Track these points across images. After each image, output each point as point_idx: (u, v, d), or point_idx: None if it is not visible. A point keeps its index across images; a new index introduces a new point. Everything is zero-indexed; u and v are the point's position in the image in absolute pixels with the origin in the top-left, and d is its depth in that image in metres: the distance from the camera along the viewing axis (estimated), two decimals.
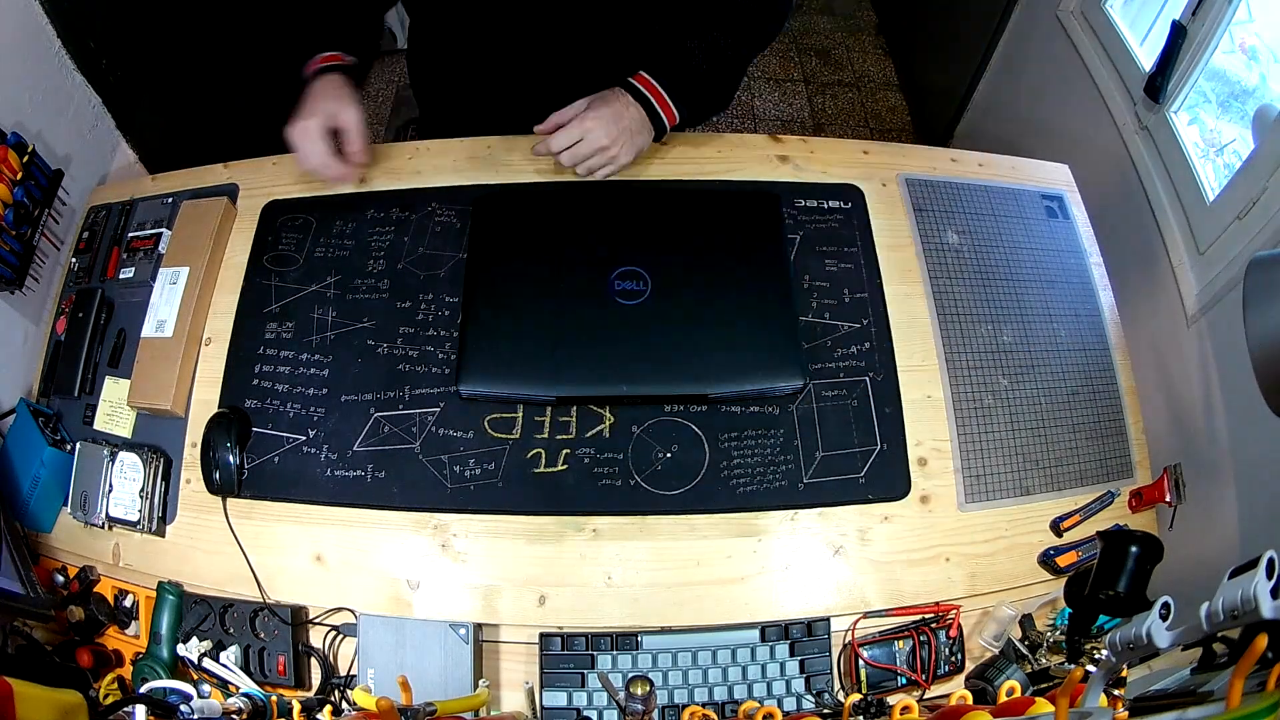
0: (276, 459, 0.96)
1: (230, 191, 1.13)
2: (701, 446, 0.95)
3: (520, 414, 0.96)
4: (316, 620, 0.91)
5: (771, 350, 0.94)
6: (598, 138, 1.00)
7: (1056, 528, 0.96)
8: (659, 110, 1.03)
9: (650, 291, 0.95)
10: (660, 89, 1.03)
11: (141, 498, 0.95)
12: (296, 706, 0.75)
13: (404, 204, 1.10)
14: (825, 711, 0.80)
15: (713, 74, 1.07)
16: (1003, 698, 0.76)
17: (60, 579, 0.94)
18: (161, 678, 0.83)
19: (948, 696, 0.77)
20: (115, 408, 1.02)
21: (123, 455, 0.97)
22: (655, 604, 0.90)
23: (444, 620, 0.87)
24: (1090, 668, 0.66)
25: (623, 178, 1.09)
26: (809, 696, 0.86)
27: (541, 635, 0.87)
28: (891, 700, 0.72)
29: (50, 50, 1.13)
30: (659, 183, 1.11)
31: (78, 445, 0.99)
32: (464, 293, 0.99)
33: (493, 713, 0.86)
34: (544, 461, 0.94)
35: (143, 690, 0.77)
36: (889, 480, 0.95)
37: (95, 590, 0.94)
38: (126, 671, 0.91)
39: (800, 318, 1.02)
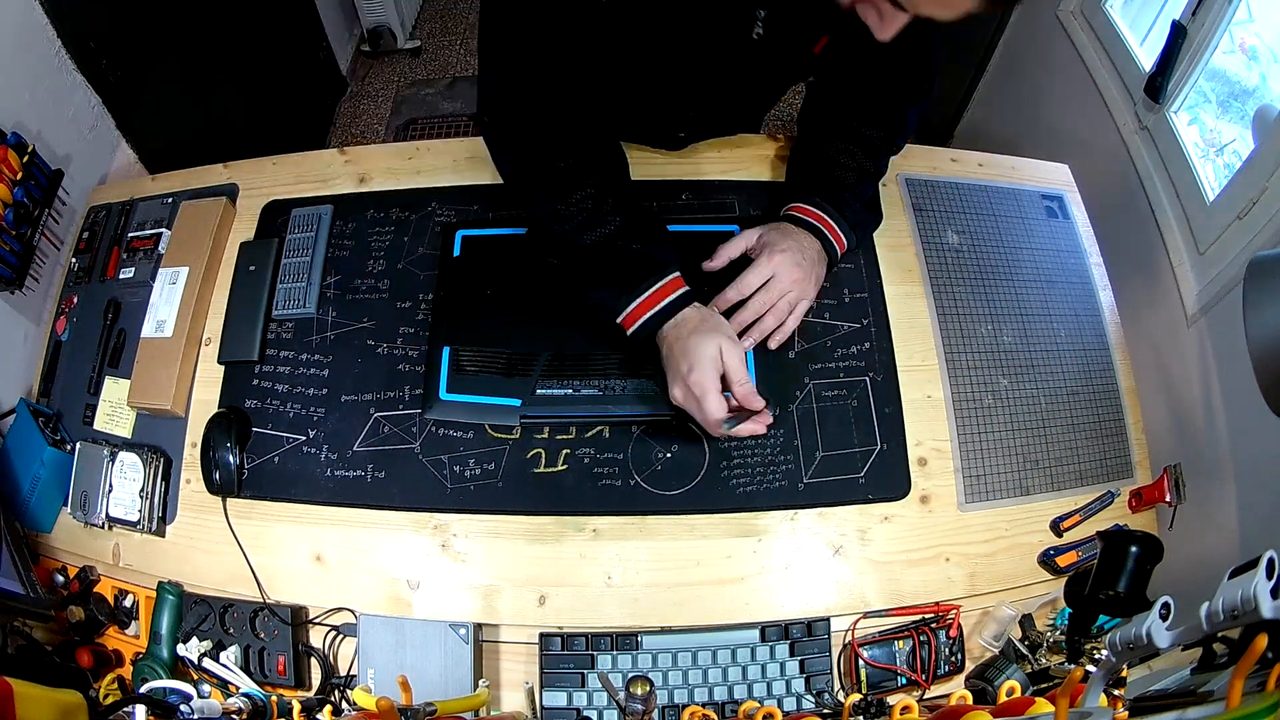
0: (276, 459, 0.96)
1: (230, 191, 1.13)
2: (701, 446, 0.95)
3: None
4: (316, 620, 0.91)
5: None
6: (789, 273, 0.90)
7: (1056, 528, 0.96)
8: (831, 240, 0.97)
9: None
10: (826, 216, 0.97)
11: (141, 498, 0.95)
12: (296, 706, 0.75)
13: (404, 204, 1.10)
14: (825, 711, 0.80)
15: (860, 185, 1.01)
16: (1003, 698, 0.76)
17: (60, 579, 0.94)
18: (161, 678, 0.83)
19: (948, 696, 0.77)
20: (115, 408, 1.02)
21: (123, 455, 0.97)
22: (655, 604, 0.90)
23: (444, 620, 0.87)
24: (1090, 668, 0.66)
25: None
26: (809, 696, 0.86)
27: (541, 635, 0.87)
28: (891, 700, 0.72)
29: (50, 50, 1.13)
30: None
31: (78, 445, 0.99)
32: (431, 318, 0.99)
33: (493, 713, 0.86)
34: (544, 461, 0.94)
35: (143, 690, 0.77)
36: (889, 480, 0.95)
37: (95, 590, 0.94)
38: (126, 671, 0.91)
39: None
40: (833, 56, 0.93)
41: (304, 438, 0.97)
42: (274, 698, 0.77)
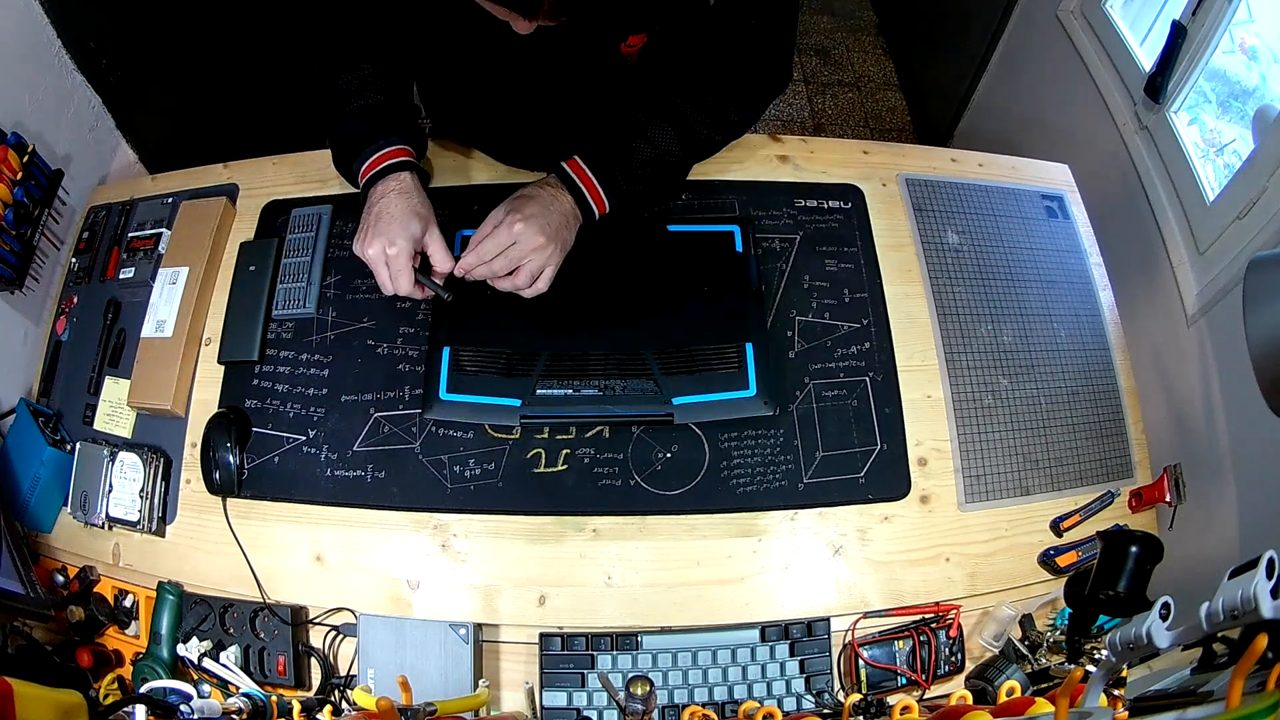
0: (276, 459, 0.96)
1: (230, 191, 1.13)
2: (701, 446, 0.95)
3: None
4: (316, 620, 0.91)
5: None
6: (530, 240, 0.89)
7: (1056, 528, 0.96)
8: (591, 203, 0.95)
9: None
10: (592, 177, 0.95)
11: (141, 498, 0.95)
12: (296, 706, 0.75)
13: None
14: (825, 711, 0.80)
15: (652, 173, 0.99)
16: (1003, 698, 0.76)
17: (60, 579, 0.94)
18: (161, 678, 0.83)
19: (948, 696, 0.77)
20: (115, 408, 1.02)
21: (123, 455, 0.97)
22: (655, 604, 0.90)
23: (444, 620, 0.87)
24: (1090, 668, 0.66)
25: None
26: (809, 696, 0.86)
27: (541, 635, 0.87)
28: (891, 700, 0.72)
29: (50, 50, 1.13)
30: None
31: (78, 445, 0.99)
32: (431, 319, 0.99)
33: (493, 713, 0.86)
34: (544, 461, 0.94)
35: (143, 690, 0.77)
36: (889, 480, 0.95)
37: (95, 590, 0.94)
38: (126, 671, 0.91)
39: (800, 318, 1.02)
40: (652, 56, 0.91)
41: (304, 438, 0.97)
42: (274, 698, 0.77)
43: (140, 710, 0.64)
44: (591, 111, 1.01)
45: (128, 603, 0.93)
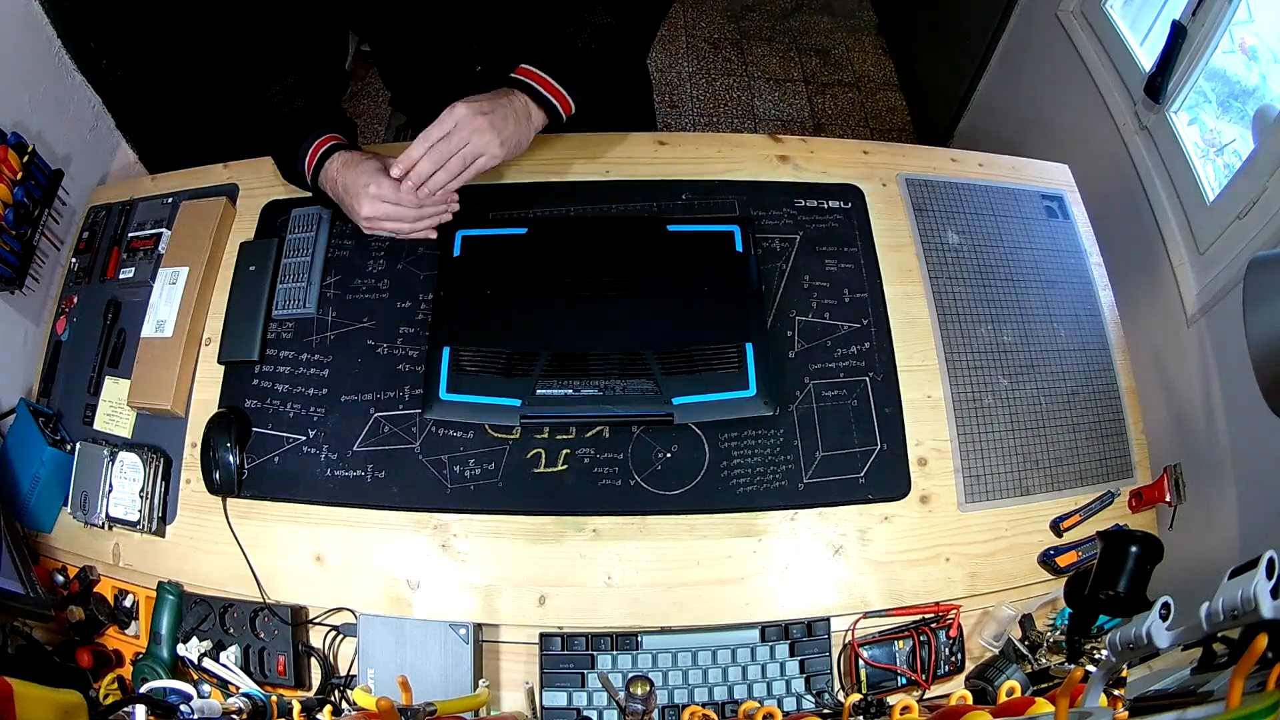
0: (276, 459, 0.96)
1: (230, 191, 1.13)
2: (701, 446, 0.95)
3: None
4: (316, 620, 0.91)
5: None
6: (470, 123, 0.90)
7: (1056, 528, 0.96)
8: (549, 96, 0.96)
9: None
10: (543, 74, 0.96)
11: (141, 498, 0.95)
12: (296, 706, 0.75)
13: None
14: (825, 711, 0.80)
15: (600, 50, 0.99)
16: (1003, 698, 0.76)
17: (60, 579, 0.94)
18: (161, 678, 0.83)
19: (948, 696, 0.77)
20: (115, 408, 1.02)
21: (123, 455, 0.97)
22: (655, 604, 0.90)
23: (444, 620, 0.87)
24: (1090, 668, 0.66)
25: (608, 180, 1.08)
26: (809, 696, 0.86)
27: (541, 635, 0.87)
28: (891, 700, 0.72)
29: (50, 50, 1.13)
30: (632, 218, 1.09)
31: (78, 445, 0.99)
32: (431, 318, 0.99)
33: (493, 713, 0.86)
34: (544, 461, 0.94)
35: (143, 690, 0.77)
36: (889, 480, 0.95)
37: (95, 590, 0.94)
38: (126, 671, 0.91)
39: (800, 318, 1.02)
40: None
41: (304, 438, 0.97)
42: (274, 698, 0.77)
43: (140, 710, 0.64)
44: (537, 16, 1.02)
45: (128, 603, 0.94)
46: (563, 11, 0.99)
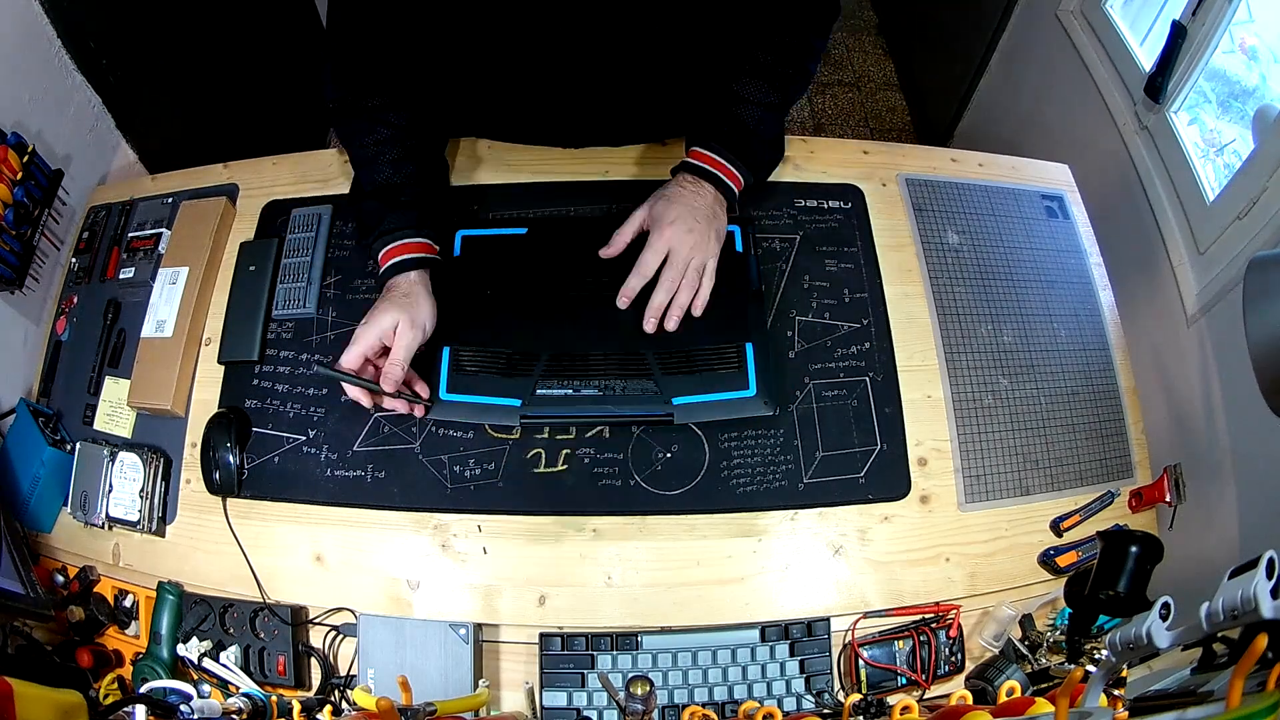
0: (276, 459, 0.96)
1: (230, 191, 1.13)
2: (701, 446, 0.95)
3: None
4: (316, 620, 0.91)
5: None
6: (684, 241, 0.90)
7: (1056, 528, 0.96)
8: (728, 182, 0.95)
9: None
10: (722, 160, 0.95)
11: (141, 498, 0.95)
12: (296, 706, 0.75)
13: None
14: (825, 711, 0.80)
15: (764, 121, 0.99)
16: (1003, 698, 0.76)
17: (60, 579, 0.94)
18: (161, 678, 0.83)
19: (948, 696, 0.77)
20: (115, 408, 1.02)
21: (123, 455, 0.97)
22: (655, 604, 0.90)
23: (444, 620, 0.87)
24: (1090, 668, 0.66)
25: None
26: (809, 696, 0.86)
27: (541, 635, 0.87)
28: (891, 700, 0.72)
29: (50, 50, 1.13)
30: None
31: (78, 445, 0.99)
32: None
33: (493, 713, 0.86)
34: (544, 461, 0.94)
35: (143, 690, 0.77)
36: (889, 480, 0.95)
37: (95, 590, 0.94)
38: (126, 671, 0.91)
39: (800, 318, 1.02)
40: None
41: (304, 438, 0.97)
42: (274, 698, 0.77)
43: (140, 710, 0.64)
44: (623, 65, 0.99)
45: (128, 603, 0.93)
46: (720, 87, 0.98)
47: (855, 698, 0.76)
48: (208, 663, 0.86)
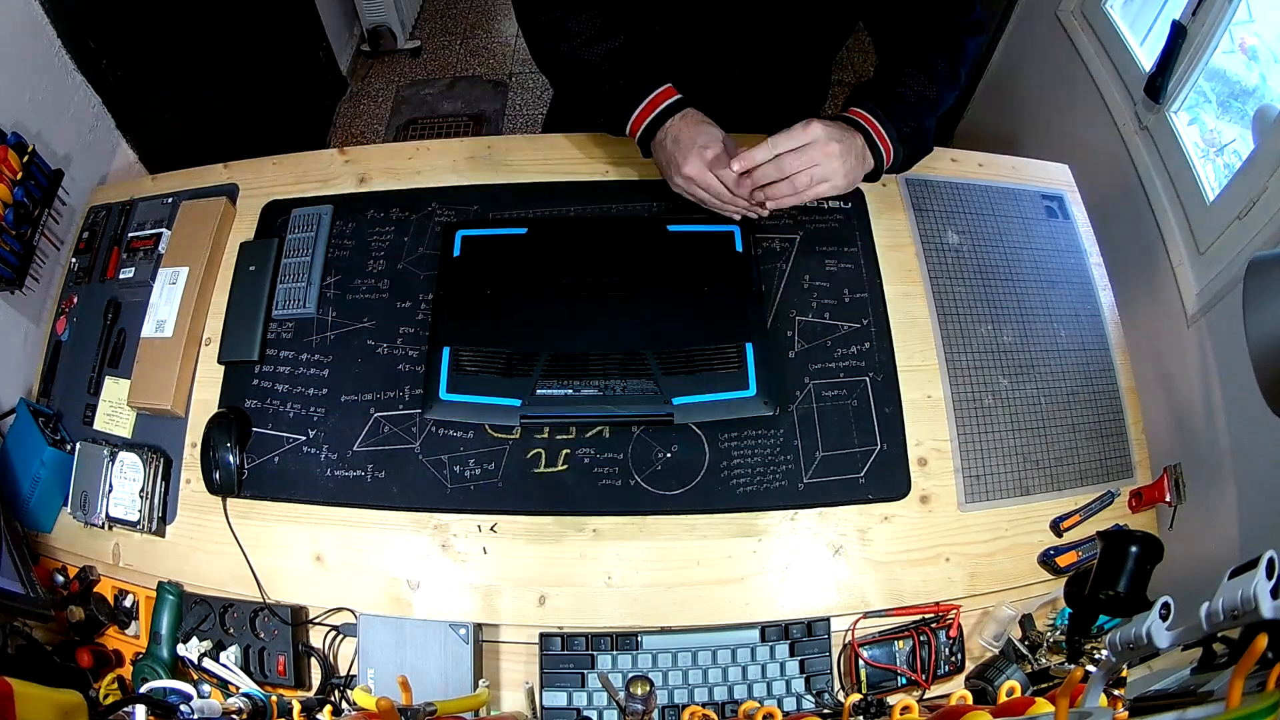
0: (276, 459, 0.96)
1: (230, 191, 1.13)
2: (701, 446, 0.95)
3: None
4: (316, 620, 0.91)
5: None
6: (825, 146, 0.89)
7: (1056, 528, 0.96)
8: (879, 145, 0.95)
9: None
10: (875, 120, 0.95)
11: (141, 498, 0.95)
12: (296, 706, 0.75)
13: (404, 204, 1.10)
14: (825, 711, 0.80)
15: (920, 104, 0.99)
16: (1003, 698, 0.76)
17: (60, 579, 0.94)
18: (161, 678, 0.83)
19: (948, 696, 0.77)
20: (115, 408, 1.02)
21: (123, 455, 0.97)
22: (655, 604, 0.90)
23: (444, 620, 0.87)
24: (1090, 668, 0.66)
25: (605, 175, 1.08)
26: (809, 696, 0.86)
27: (541, 635, 0.87)
28: (891, 700, 0.72)
29: (50, 50, 1.13)
30: (632, 218, 1.09)
31: (78, 445, 0.99)
32: (431, 318, 0.99)
33: (493, 713, 0.86)
34: (544, 461, 0.94)
35: (143, 690, 0.77)
36: (889, 480, 0.95)
37: (95, 590, 0.94)
38: (126, 671, 0.91)
39: (800, 318, 1.02)
40: None
41: (304, 438, 0.97)
42: (274, 698, 0.77)
43: (140, 710, 0.64)
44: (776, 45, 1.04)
45: (128, 603, 0.94)
46: (887, 67, 1.01)
47: (855, 698, 0.76)
48: (208, 663, 0.86)
